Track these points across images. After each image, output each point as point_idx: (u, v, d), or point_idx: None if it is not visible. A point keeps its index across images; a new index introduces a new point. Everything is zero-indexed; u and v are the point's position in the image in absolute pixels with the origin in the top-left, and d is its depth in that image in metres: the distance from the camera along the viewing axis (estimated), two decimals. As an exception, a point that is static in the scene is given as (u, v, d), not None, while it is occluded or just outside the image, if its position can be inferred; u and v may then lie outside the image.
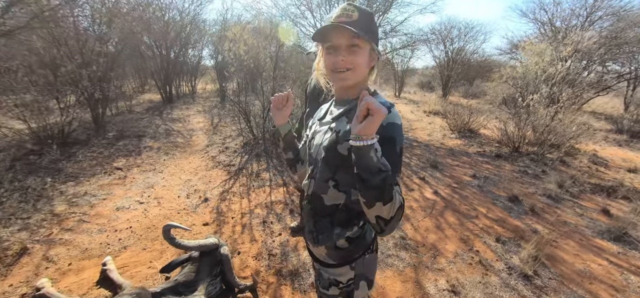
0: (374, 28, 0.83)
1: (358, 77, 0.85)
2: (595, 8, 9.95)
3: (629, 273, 2.26)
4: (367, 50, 0.83)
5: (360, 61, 0.82)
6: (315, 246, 0.95)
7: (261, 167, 4.25)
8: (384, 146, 0.74)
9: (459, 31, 14.52)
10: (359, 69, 0.83)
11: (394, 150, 0.76)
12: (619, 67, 11.14)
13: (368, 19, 0.81)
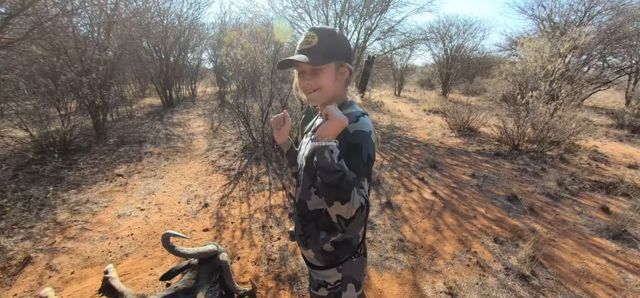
0: (335, 47, 0.88)
1: (326, 95, 0.92)
2: (594, 3, 9.91)
3: (627, 272, 2.27)
4: (332, 70, 0.90)
5: (324, 82, 0.90)
6: (305, 249, 1.03)
7: (261, 171, 4.27)
8: (351, 152, 0.82)
9: (458, 29, 14.51)
10: (325, 89, 0.91)
11: (360, 156, 0.81)
12: (620, 61, 11.08)
13: (328, 41, 0.87)
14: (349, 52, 0.93)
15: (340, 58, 0.90)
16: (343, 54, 0.91)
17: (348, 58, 0.93)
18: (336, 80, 0.92)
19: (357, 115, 0.87)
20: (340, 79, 0.93)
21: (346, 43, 0.92)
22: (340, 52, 0.90)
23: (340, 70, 0.92)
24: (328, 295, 1.03)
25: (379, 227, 2.88)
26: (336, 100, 0.96)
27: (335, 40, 0.89)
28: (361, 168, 0.81)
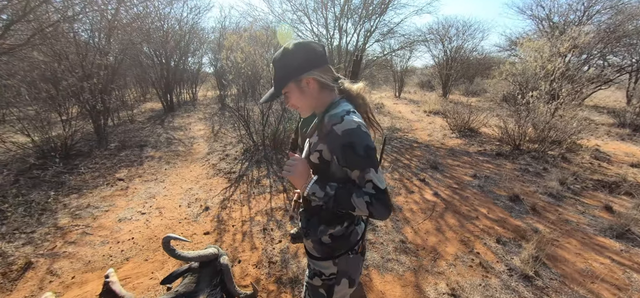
0: (286, 68, 0.94)
1: (307, 108, 1.00)
2: (593, 2, 9.91)
3: (631, 271, 2.25)
4: (293, 88, 0.96)
5: (294, 102, 0.99)
6: (306, 239, 1.09)
7: (261, 174, 4.27)
8: (346, 152, 0.85)
9: (457, 30, 14.53)
10: (301, 103, 0.98)
11: (355, 153, 0.84)
12: (620, 59, 11.07)
13: (280, 66, 0.95)
14: (303, 63, 0.93)
15: (294, 75, 0.93)
16: (295, 70, 0.93)
17: (303, 69, 0.93)
18: (304, 94, 0.96)
19: (341, 115, 0.88)
20: (308, 89, 0.95)
21: (297, 55, 0.93)
22: (291, 70, 0.93)
23: (301, 84, 0.94)
24: (322, 285, 1.07)
25: (380, 228, 2.86)
26: (320, 108, 0.99)
27: (285, 62, 0.94)
28: (362, 162, 0.84)
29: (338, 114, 0.89)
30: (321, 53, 0.96)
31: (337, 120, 0.88)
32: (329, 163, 0.94)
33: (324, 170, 0.95)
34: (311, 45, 0.95)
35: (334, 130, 0.87)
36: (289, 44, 0.95)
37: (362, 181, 0.85)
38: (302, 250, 2.53)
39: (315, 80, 0.95)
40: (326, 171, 0.95)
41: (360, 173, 0.85)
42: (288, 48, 0.95)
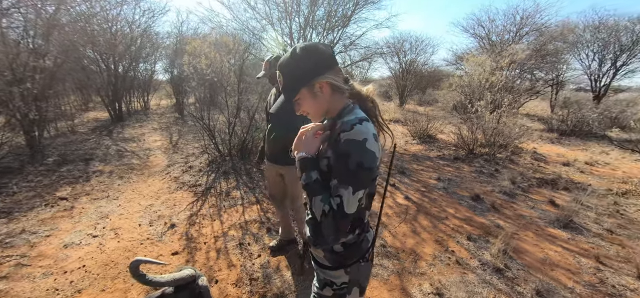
0: (297, 73, 0.89)
1: (318, 113, 0.95)
2: (522, 25, 11.44)
3: (580, 257, 2.55)
4: (305, 94, 0.91)
5: (307, 107, 0.94)
6: (315, 248, 1.04)
7: (230, 186, 4.04)
8: (338, 160, 0.84)
9: (411, 44, 15.65)
10: (313, 110, 0.94)
11: (345, 165, 0.82)
12: (544, 74, 12.86)
13: (289, 71, 0.90)
14: (314, 67, 0.89)
15: (306, 80, 0.89)
16: (307, 74, 0.89)
17: (315, 73, 0.89)
18: (317, 99, 0.91)
19: (353, 123, 0.84)
20: (321, 94, 0.91)
21: (307, 60, 0.88)
22: (302, 74, 0.89)
23: (314, 89, 0.90)
24: (332, 295, 1.05)
25: (360, 234, 2.87)
26: (332, 112, 0.95)
27: (294, 67, 0.89)
28: (344, 176, 0.82)
29: (350, 122, 0.86)
30: (330, 54, 0.92)
31: (347, 128, 0.84)
32: (333, 170, 0.89)
33: (330, 177, 0.91)
34: (319, 47, 0.91)
35: (341, 137, 0.84)
36: (295, 48, 0.90)
37: (334, 191, 0.83)
38: (284, 263, 2.41)
39: (328, 84, 0.91)
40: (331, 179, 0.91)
41: (337, 183, 0.82)
42: (296, 52, 0.89)
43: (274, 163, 2.26)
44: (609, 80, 13.41)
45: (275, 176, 2.33)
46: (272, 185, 2.39)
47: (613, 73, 13.33)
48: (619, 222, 3.19)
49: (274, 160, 2.25)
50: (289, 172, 2.26)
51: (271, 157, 2.27)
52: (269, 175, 2.37)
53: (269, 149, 2.27)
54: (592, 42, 13.46)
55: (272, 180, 2.37)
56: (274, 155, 2.24)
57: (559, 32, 11.92)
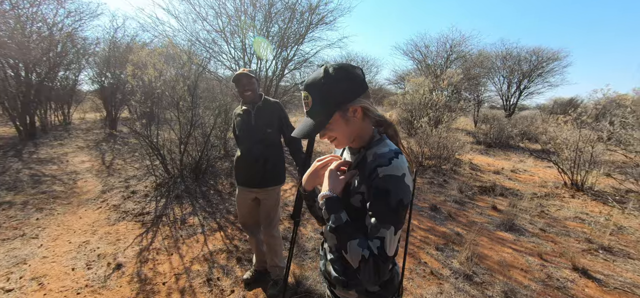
0: (331, 95, 0.80)
1: (346, 139, 0.87)
2: (451, 52, 13.13)
3: (527, 256, 2.89)
4: (339, 119, 0.83)
5: (335, 133, 0.85)
6: (346, 291, 0.95)
7: (186, 211, 3.62)
8: (377, 197, 0.77)
9: (357, 63, 16.62)
10: (341, 135, 0.86)
11: (386, 203, 0.75)
12: (469, 94, 14.89)
13: (322, 94, 0.81)
14: (349, 90, 0.82)
15: (340, 103, 0.81)
16: (342, 97, 0.81)
17: (351, 95, 0.82)
18: (349, 125, 0.84)
19: (390, 157, 0.79)
20: (353, 120, 0.84)
21: (344, 79, 0.81)
22: (336, 97, 0.81)
23: (347, 114, 0.82)
24: None
25: (336, 254, 2.81)
26: (359, 140, 0.89)
27: (327, 88, 0.80)
28: (386, 215, 0.76)
29: (386, 155, 0.80)
30: (362, 77, 0.86)
31: (384, 162, 0.78)
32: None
33: (364, 215, 0.83)
34: (353, 68, 0.84)
35: (377, 171, 0.78)
36: (327, 68, 0.81)
37: (373, 232, 0.76)
38: (263, 296, 2.21)
39: (361, 109, 0.85)
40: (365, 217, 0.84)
41: (377, 223, 0.76)
42: (329, 73, 0.80)
43: (249, 187, 2.09)
44: (516, 100, 16.14)
45: (249, 202, 2.16)
46: (246, 212, 2.20)
47: (518, 94, 16.10)
48: (546, 221, 3.75)
49: (250, 184, 2.08)
50: (268, 195, 2.11)
51: (246, 181, 2.09)
52: (242, 201, 2.17)
53: (242, 172, 2.09)
54: (502, 68, 16.13)
55: (246, 207, 2.18)
56: (249, 178, 2.07)
57: (479, 60, 13.99)
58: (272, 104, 2.12)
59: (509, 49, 15.67)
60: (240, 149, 2.08)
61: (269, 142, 2.07)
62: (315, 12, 8.38)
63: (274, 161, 2.08)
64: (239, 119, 2.09)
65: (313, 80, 0.82)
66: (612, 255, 2.95)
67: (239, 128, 2.09)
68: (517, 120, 12.31)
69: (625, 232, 3.48)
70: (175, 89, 4.09)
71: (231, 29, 7.49)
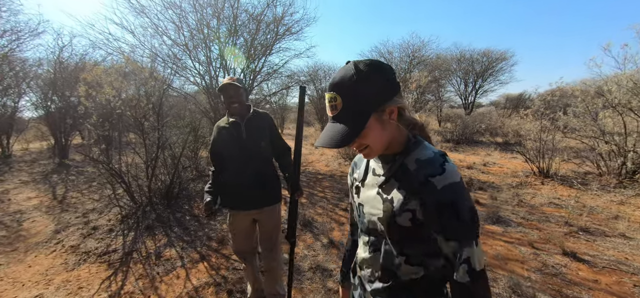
0: (366, 96, 0.68)
1: (380, 148, 0.74)
2: (413, 57, 13.76)
3: (519, 246, 2.96)
4: (375, 123, 0.69)
5: (370, 140, 0.71)
6: None
7: (160, 243, 3.23)
8: (443, 213, 0.65)
9: (324, 72, 16.78)
10: (376, 142, 0.72)
11: (458, 217, 0.64)
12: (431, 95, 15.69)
13: (353, 95, 0.67)
14: (386, 86, 0.70)
15: (376, 105, 0.68)
16: (378, 97, 0.69)
17: (387, 94, 0.70)
18: (385, 128, 0.71)
19: (440, 163, 0.68)
20: (389, 123, 0.72)
21: (378, 76, 0.68)
22: (373, 97, 0.68)
23: (383, 117, 0.70)
24: None
25: (335, 271, 2.64)
26: (395, 146, 0.75)
27: (361, 89, 0.67)
28: (465, 231, 0.65)
29: (434, 161, 0.69)
30: (394, 73, 0.73)
31: (437, 170, 0.66)
32: (423, 225, 0.70)
33: (418, 235, 0.72)
34: (384, 64, 0.70)
35: (432, 182, 0.66)
36: (356, 65, 0.67)
37: (457, 259, 0.66)
38: (264, 330, 1.97)
39: (397, 110, 0.72)
40: (421, 236, 0.72)
41: (458, 246, 0.65)
42: (360, 69, 0.66)
43: (246, 209, 1.86)
44: (473, 98, 17.32)
45: (247, 226, 1.93)
46: (244, 238, 1.95)
47: (475, 93, 17.29)
48: (526, 210, 3.91)
49: (247, 206, 1.85)
50: (268, 215, 1.89)
51: (243, 204, 1.85)
52: (239, 227, 1.92)
53: (237, 194, 1.84)
54: (458, 70, 17.24)
55: (243, 232, 1.93)
56: (247, 201, 1.84)
57: (437, 63, 14.83)
58: (262, 116, 1.91)
59: (463, 52, 16.84)
60: (230, 167, 1.83)
61: (264, 157, 1.87)
62: (281, 23, 8.30)
63: (271, 177, 1.89)
64: (225, 134, 1.83)
65: (341, 78, 0.68)
66: (592, 235, 3.12)
67: (225, 144, 1.83)
68: (476, 116, 13.17)
69: (595, 212, 3.74)
70: (138, 108, 3.69)
71: (194, 43, 7.12)
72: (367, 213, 0.82)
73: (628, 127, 4.89)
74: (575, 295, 2.23)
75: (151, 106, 3.85)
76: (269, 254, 1.96)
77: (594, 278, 2.41)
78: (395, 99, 0.71)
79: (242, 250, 1.99)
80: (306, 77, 16.04)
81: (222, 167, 1.86)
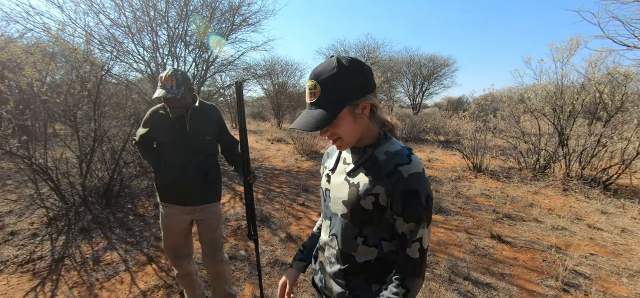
0: (343, 88, 0.75)
1: (351, 140, 0.81)
2: (368, 58, 14.39)
3: (457, 232, 3.33)
4: (348, 115, 0.77)
5: (342, 131, 0.78)
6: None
7: (98, 246, 2.92)
8: (408, 199, 0.73)
9: (281, 67, 16.59)
10: (347, 134, 0.79)
11: (419, 203, 0.73)
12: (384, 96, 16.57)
13: (332, 85, 0.74)
14: (362, 84, 0.77)
15: (352, 98, 0.75)
16: (355, 91, 0.76)
17: (363, 90, 0.77)
18: (356, 122, 0.78)
19: (407, 154, 0.77)
20: (361, 118, 0.79)
21: (357, 73, 0.76)
22: (349, 91, 0.75)
23: (356, 110, 0.77)
24: None
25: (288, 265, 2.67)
26: (365, 140, 0.83)
27: (340, 81, 0.74)
28: (422, 215, 0.74)
29: (402, 152, 0.77)
30: (372, 75, 0.81)
31: (404, 160, 0.75)
32: (384, 210, 0.78)
33: (378, 218, 0.79)
34: (364, 64, 0.78)
35: (400, 171, 0.74)
36: (339, 60, 0.74)
37: (412, 236, 0.75)
38: (221, 328, 1.92)
39: (370, 107, 0.80)
40: (379, 219, 0.79)
41: (415, 226, 0.74)
42: (343, 64, 0.73)
43: (185, 204, 1.72)
44: (420, 100, 18.74)
45: (182, 223, 1.78)
46: (176, 234, 1.79)
47: (422, 94, 18.73)
48: (463, 200, 4.41)
49: (185, 202, 1.72)
50: (209, 213, 1.79)
51: (180, 198, 1.71)
52: (173, 223, 1.76)
53: (174, 188, 1.70)
54: (408, 73, 18.48)
55: (177, 229, 1.77)
56: (184, 195, 1.71)
57: (389, 65, 15.72)
58: (209, 108, 1.80)
59: (412, 56, 18.14)
60: (170, 160, 1.68)
61: (209, 152, 1.76)
62: (237, 13, 7.98)
63: (214, 174, 1.78)
64: (166, 123, 1.67)
65: (323, 69, 0.75)
66: (513, 221, 3.66)
67: (165, 134, 1.68)
68: (422, 116, 14.29)
69: (516, 201, 4.38)
70: (69, 95, 3.25)
71: (138, 26, 6.46)
72: (333, 197, 0.88)
73: (542, 129, 5.80)
74: (500, 271, 2.61)
75: (86, 94, 3.42)
76: (214, 256, 1.85)
77: (514, 257, 2.84)
78: (370, 97, 0.78)
79: (177, 250, 1.82)
80: (263, 70, 15.67)
81: (160, 158, 1.72)
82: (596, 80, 4.99)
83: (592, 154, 5.01)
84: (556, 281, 2.44)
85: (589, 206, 4.20)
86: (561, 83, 5.42)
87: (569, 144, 5.28)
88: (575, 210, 4.07)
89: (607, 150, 4.98)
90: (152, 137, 1.73)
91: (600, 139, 4.85)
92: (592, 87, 5.07)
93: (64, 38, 4.31)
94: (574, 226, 3.55)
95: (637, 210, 3.97)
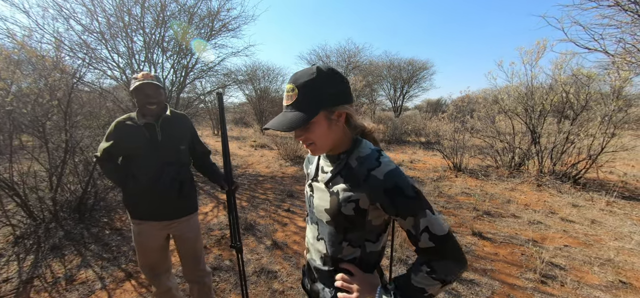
0: (319, 94, 0.76)
1: (325, 146, 0.83)
2: (349, 62, 14.60)
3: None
4: (321, 120, 0.78)
5: (316, 136, 0.79)
6: None
7: (71, 264, 2.75)
8: (394, 197, 0.73)
9: (263, 72, 16.47)
10: (321, 139, 0.80)
11: (406, 197, 0.73)
12: (366, 99, 16.83)
13: (309, 90, 0.76)
14: (339, 93, 0.79)
15: (328, 104, 0.77)
16: (331, 98, 0.77)
17: (339, 99, 0.79)
18: (331, 129, 0.80)
19: (375, 157, 0.78)
20: (336, 125, 0.80)
21: (335, 82, 0.78)
22: (325, 97, 0.77)
23: (332, 116, 0.79)
24: None
25: (280, 272, 2.64)
26: (340, 147, 0.85)
27: (318, 86, 0.76)
28: (415, 206, 0.73)
29: (371, 156, 0.79)
30: (349, 87, 0.83)
31: (374, 164, 0.77)
32: (366, 213, 0.80)
33: (360, 222, 0.81)
34: (343, 75, 0.81)
35: (373, 175, 0.75)
36: (319, 67, 0.77)
37: (417, 230, 0.73)
38: (207, 343, 1.85)
39: (346, 115, 0.82)
40: (362, 223, 0.82)
41: (414, 220, 0.73)
42: (322, 71, 0.77)
43: (159, 220, 1.64)
44: (401, 102, 19.18)
45: (157, 239, 1.69)
46: (152, 252, 1.69)
47: (402, 97, 19.18)
48: (444, 199, 4.53)
49: (161, 216, 1.64)
50: (187, 226, 1.72)
51: (155, 213, 1.63)
52: (145, 240, 1.66)
53: (149, 202, 1.61)
54: (388, 76, 18.88)
55: (152, 246, 1.68)
56: (160, 210, 1.63)
57: (370, 69, 16.01)
58: (181, 117, 1.75)
59: (392, 60, 18.57)
60: (138, 173, 1.59)
61: (183, 162, 1.69)
62: (217, 18, 7.86)
63: (189, 184, 1.71)
64: (134, 134, 1.58)
65: (302, 74, 0.77)
66: (492, 217, 3.80)
67: (134, 146, 1.58)
68: (404, 119, 14.63)
69: (494, 198, 4.55)
70: (37, 104, 3.07)
71: (112, 32, 6.21)
72: (317, 205, 0.90)
73: (515, 128, 6.08)
74: (481, 266, 2.69)
75: (56, 103, 3.24)
76: (196, 269, 1.79)
77: (494, 252, 2.95)
78: (346, 106, 0.81)
79: (155, 267, 1.73)
80: (244, 76, 15.48)
81: (127, 173, 1.62)
82: (562, 81, 5.31)
83: (562, 151, 5.31)
84: (534, 274, 2.55)
85: (561, 200, 4.44)
86: (531, 84, 5.73)
87: (540, 141, 5.57)
88: (549, 204, 4.28)
89: (575, 147, 5.30)
90: (117, 151, 1.63)
91: (568, 136, 5.16)
92: (559, 88, 5.38)
93: (30, 45, 4.08)
94: (548, 220, 3.73)
95: (604, 202, 4.24)
